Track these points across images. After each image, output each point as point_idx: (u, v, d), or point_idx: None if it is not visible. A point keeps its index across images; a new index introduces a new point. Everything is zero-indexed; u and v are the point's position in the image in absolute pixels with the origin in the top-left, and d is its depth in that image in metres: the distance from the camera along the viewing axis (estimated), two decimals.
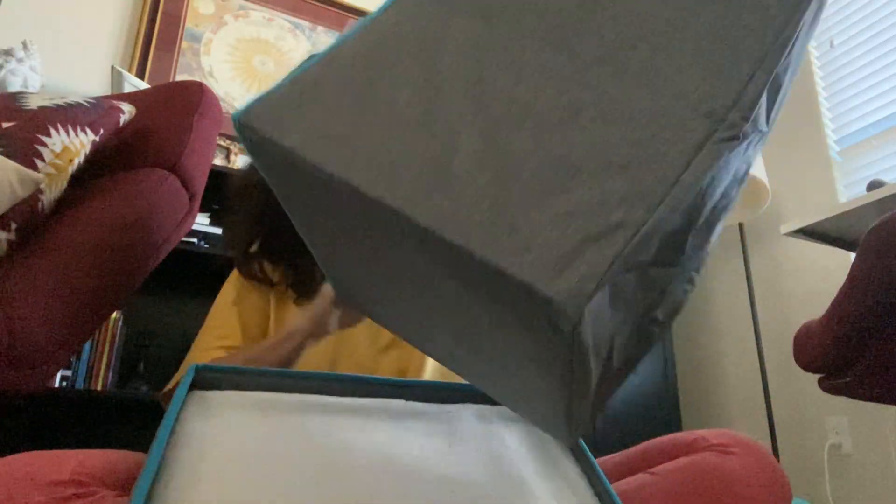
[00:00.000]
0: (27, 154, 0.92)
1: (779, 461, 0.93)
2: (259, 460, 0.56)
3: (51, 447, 0.80)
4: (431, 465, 0.59)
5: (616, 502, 0.58)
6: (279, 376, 0.66)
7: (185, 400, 0.60)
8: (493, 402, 0.70)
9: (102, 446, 0.75)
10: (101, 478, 0.49)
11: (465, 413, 0.68)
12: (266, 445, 0.57)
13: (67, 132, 0.99)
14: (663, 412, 2.15)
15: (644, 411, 2.13)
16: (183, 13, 2.24)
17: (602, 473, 0.60)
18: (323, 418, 0.62)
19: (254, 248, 0.95)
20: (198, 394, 0.62)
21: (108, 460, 0.52)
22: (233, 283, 0.96)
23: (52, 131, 0.97)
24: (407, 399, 0.68)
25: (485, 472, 0.60)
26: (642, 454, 0.74)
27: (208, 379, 0.64)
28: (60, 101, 1.03)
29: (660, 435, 0.75)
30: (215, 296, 0.96)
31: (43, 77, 1.83)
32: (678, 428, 2.14)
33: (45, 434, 1.58)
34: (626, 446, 0.77)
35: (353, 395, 0.67)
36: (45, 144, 0.94)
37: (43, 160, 0.93)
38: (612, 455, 0.77)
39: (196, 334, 0.92)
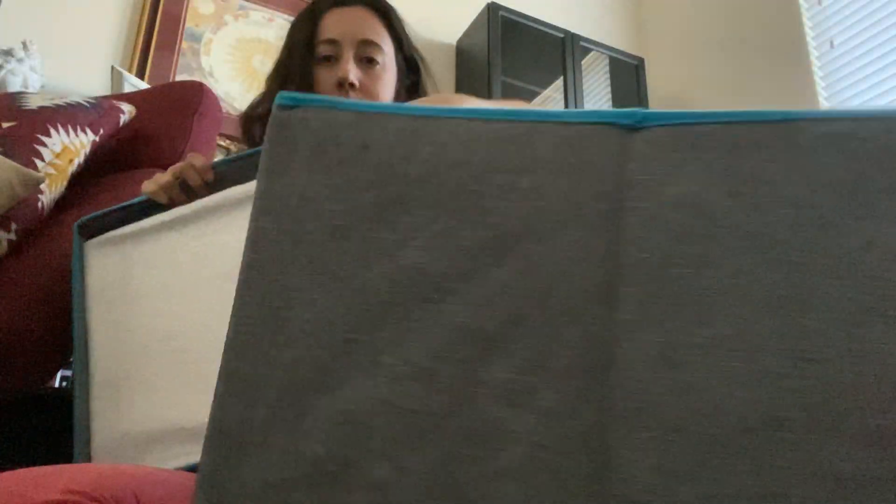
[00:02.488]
0: (27, 154, 0.91)
1: None
2: (129, 287, 0.76)
3: (50, 447, 0.80)
4: (221, 258, 0.73)
5: None
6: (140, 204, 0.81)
7: (78, 252, 0.82)
8: None
9: None
10: (94, 494, 0.48)
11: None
12: (133, 271, 0.77)
13: (67, 132, 0.99)
14: None
15: None
16: (183, 13, 2.24)
17: None
18: (170, 234, 0.78)
19: (260, 108, 0.97)
20: (85, 244, 0.83)
21: (101, 474, 0.51)
22: None
23: (52, 131, 0.97)
24: (243, 178, 0.76)
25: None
26: None
27: (89, 228, 0.83)
28: (60, 101, 1.03)
29: None
30: None
31: (43, 77, 1.83)
32: None
33: (44, 434, 1.58)
34: None
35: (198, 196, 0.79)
36: (45, 144, 0.94)
37: (43, 160, 0.93)
38: None
39: None
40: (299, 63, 0.95)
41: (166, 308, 0.73)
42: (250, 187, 0.74)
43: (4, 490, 0.46)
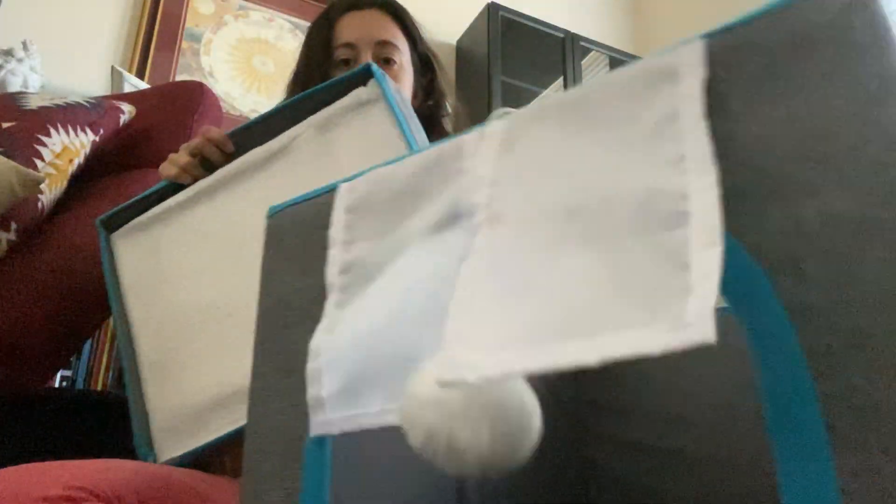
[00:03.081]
0: (27, 154, 0.91)
1: None
2: (162, 268, 0.77)
3: (50, 448, 0.80)
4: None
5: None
6: (164, 188, 0.80)
7: (106, 245, 0.81)
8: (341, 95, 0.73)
9: (102, 446, 0.75)
10: (95, 490, 0.48)
11: (307, 133, 0.73)
12: (165, 252, 0.77)
13: (67, 132, 0.99)
14: None
15: None
16: (183, 13, 2.24)
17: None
18: (197, 208, 0.77)
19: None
20: (111, 236, 0.83)
21: (102, 470, 0.51)
22: None
23: (52, 131, 0.97)
24: (262, 140, 0.75)
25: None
26: None
27: (111, 222, 0.83)
28: (60, 101, 1.03)
29: None
30: None
31: (43, 77, 1.83)
32: None
33: (45, 434, 1.58)
34: None
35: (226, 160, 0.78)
36: (45, 144, 0.94)
37: (43, 160, 0.93)
38: None
39: None
40: (317, 68, 0.96)
41: (203, 280, 0.73)
42: (270, 146, 0.74)
43: (6, 486, 0.46)
